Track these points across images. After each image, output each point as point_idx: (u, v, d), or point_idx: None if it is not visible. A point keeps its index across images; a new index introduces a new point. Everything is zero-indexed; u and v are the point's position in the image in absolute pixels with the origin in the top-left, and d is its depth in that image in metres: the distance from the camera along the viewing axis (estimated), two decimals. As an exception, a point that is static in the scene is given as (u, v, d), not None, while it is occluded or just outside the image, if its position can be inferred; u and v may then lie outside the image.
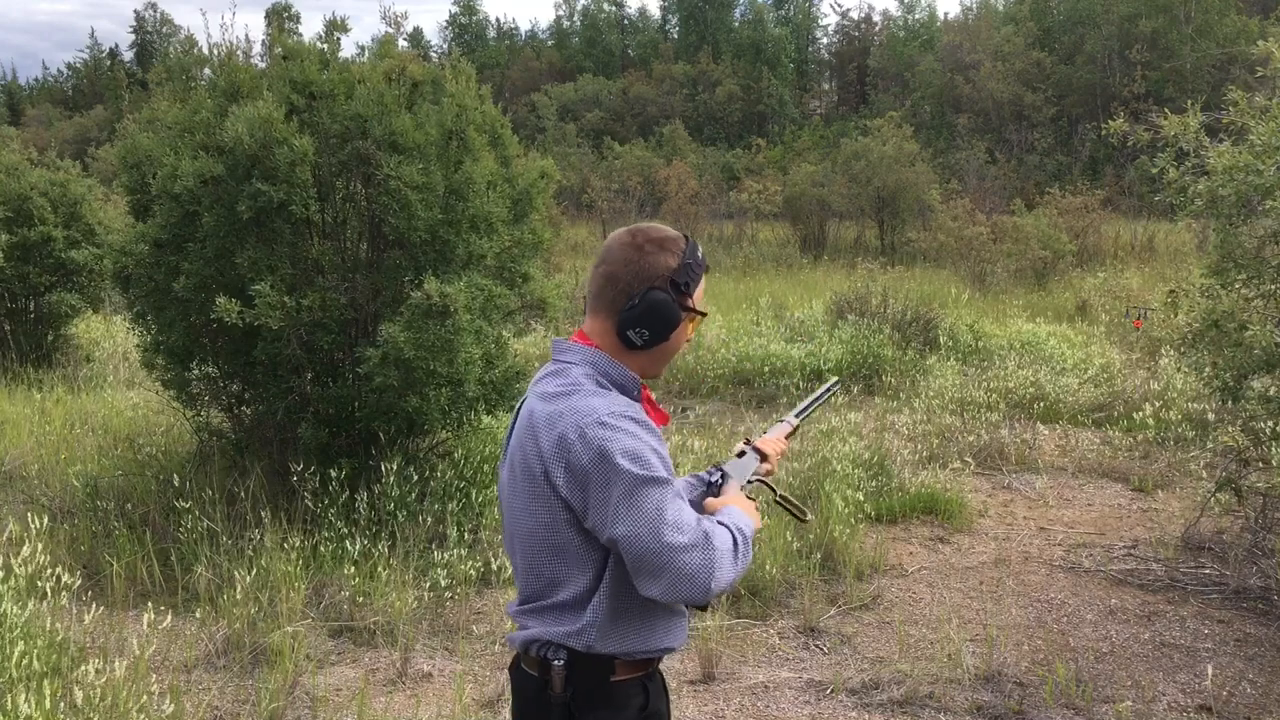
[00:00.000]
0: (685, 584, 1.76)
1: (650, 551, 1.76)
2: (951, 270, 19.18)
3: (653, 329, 1.92)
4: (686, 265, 1.94)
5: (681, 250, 1.95)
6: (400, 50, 6.19)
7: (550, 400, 1.89)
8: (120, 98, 53.14)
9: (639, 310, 1.91)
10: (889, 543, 5.87)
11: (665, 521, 1.77)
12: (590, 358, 1.94)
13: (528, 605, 1.95)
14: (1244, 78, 9.06)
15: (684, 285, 1.94)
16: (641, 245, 1.94)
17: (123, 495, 5.77)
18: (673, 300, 1.92)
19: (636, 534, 1.76)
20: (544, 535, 1.88)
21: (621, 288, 1.92)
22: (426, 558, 5.05)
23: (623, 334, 1.93)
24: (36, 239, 10.07)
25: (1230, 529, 5.87)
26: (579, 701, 1.89)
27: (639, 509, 1.77)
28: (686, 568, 1.76)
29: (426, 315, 5.02)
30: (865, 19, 69.16)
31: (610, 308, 1.94)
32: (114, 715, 3.38)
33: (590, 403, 1.84)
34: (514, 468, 1.96)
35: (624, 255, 1.94)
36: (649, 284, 1.91)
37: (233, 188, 5.26)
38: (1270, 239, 5.04)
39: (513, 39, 78.57)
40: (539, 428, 1.87)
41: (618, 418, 1.82)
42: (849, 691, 4.17)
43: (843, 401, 8.32)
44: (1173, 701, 4.10)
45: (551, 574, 1.89)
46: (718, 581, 1.79)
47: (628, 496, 1.77)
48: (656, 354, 1.98)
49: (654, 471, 1.80)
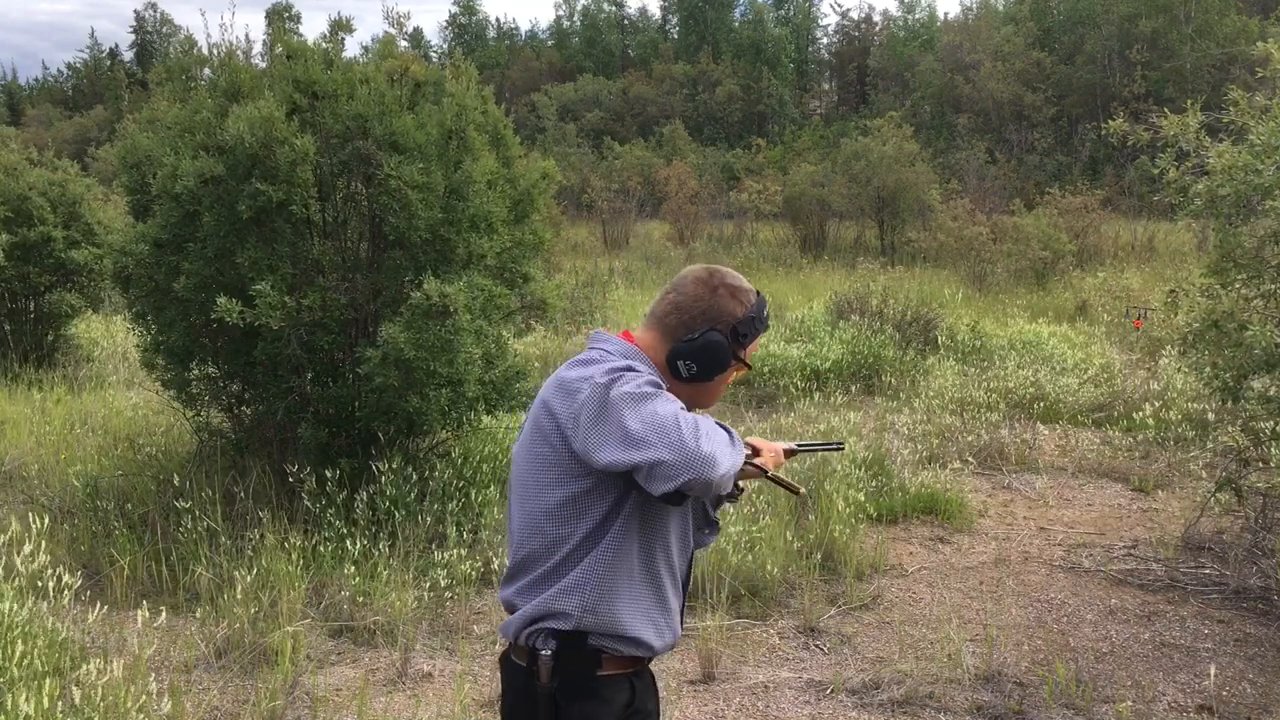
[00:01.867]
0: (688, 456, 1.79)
1: (652, 430, 1.79)
2: (951, 270, 19.17)
3: (701, 366, 2.00)
4: (750, 319, 2.03)
5: (751, 304, 2.04)
6: (401, 50, 6.18)
7: (571, 369, 1.95)
8: (120, 98, 53.12)
9: (695, 345, 1.99)
10: (889, 543, 5.87)
11: (659, 419, 1.81)
12: (627, 350, 2.01)
13: (522, 579, 1.98)
14: (1244, 78, 9.06)
15: (743, 336, 2.02)
16: (716, 287, 2.03)
17: (123, 495, 5.77)
18: (728, 346, 2.01)
19: (636, 437, 1.80)
20: (546, 493, 1.93)
21: (685, 319, 2.01)
22: (426, 558, 5.05)
23: (672, 362, 2.01)
24: (36, 239, 10.06)
25: (1230, 529, 5.87)
26: (565, 692, 1.92)
27: (637, 411, 1.81)
28: (685, 441, 1.79)
29: (426, 315, 5.02)
30: (865, 19, 69.20)
31: (669, 334, 2.02)
32: (114, 715, 3.38)
33: (606, 363, 1.91)
34: (526, 429, 2.02)
35: (697, 291, 2.03)
36: (712, 324, 2.00)
37: (233, 187, 5.25)
38: (1270, 239, 5.04)
39: (513, 39, 78.56)
40: (557, 389, 1.93)
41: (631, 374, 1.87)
42: (849, 691, 4.17)
43: (843, 401, 8.32)
44: (1173, 701, 4.10)
45: (551, 533, 1.93)
46: (718, 453, 1.82)
47: (624, 407, 1.81)
48: (694, 391, 2.05)
49: (650, 387, 1.85)
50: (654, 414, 1.80)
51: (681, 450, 1.78)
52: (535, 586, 1.95)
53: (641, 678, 2.01)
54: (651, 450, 1.78)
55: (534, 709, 1.93)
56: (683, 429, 1.79)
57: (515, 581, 2.01)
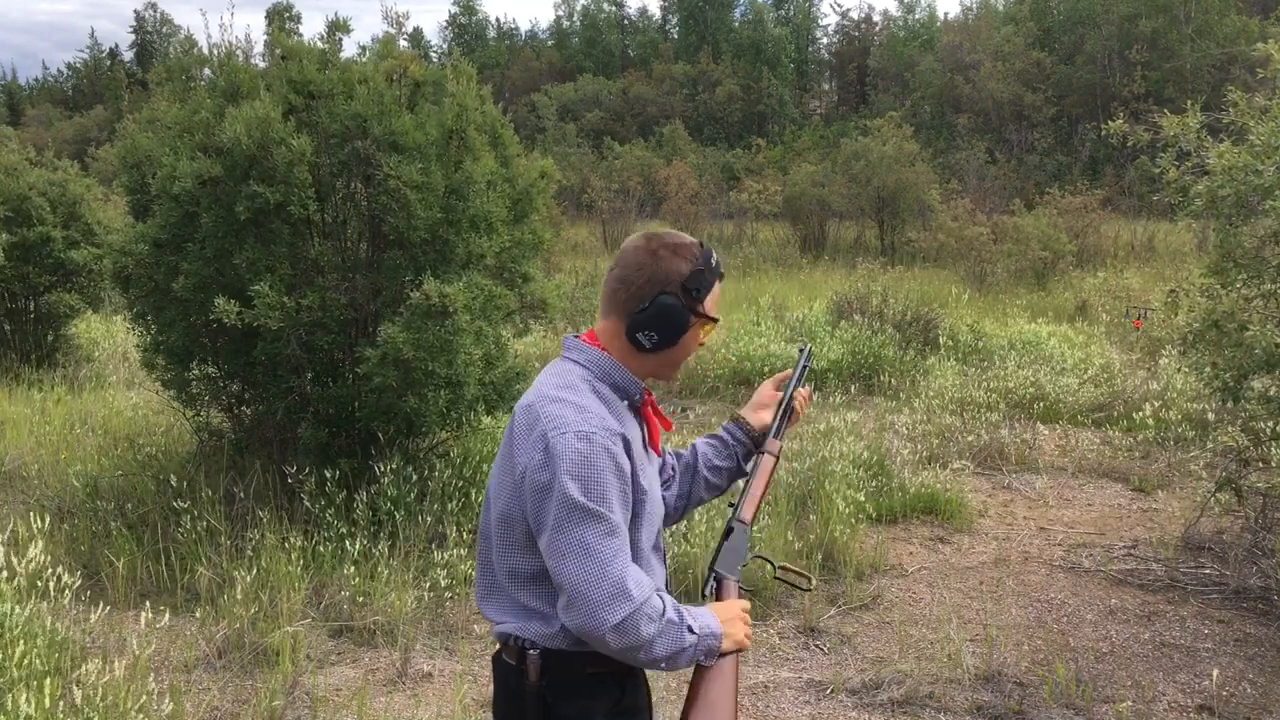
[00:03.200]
0: (585, 617, 1.77)
1: (565, 577, 1.79)
2: (951, 270, 19.17)
3: (661, 333, 1.96)
4: (698, 271, 1.97)
5: (695, 256, 1.98)
6: (401, 50, 6.18)
7: (541, 398, 1.92)
8: (120, 98, 53.14)
9: (649, 313, 1.95)
10: (889, 543, 5.87)
11: (589, 554, 1.78)
12: (596, 359, 1.98)
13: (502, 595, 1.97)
14: (1244, 78, 9.06)
15: (695, 291, 1.97)
16: (656, 250, 1.98)
17: (123, 495, 5.76)
18: (682, 305, 1.96)
19: (558, 552, 1.79)
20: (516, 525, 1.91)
21: (633, 291, 1.96)
22: (426, 558, 5.05)
23: (632, 336, 1.97)
24: (36, 239, 10.06)
25: (1230, 529, 5.87)
26: (553, 691, 1.92)
27: (567, 533, 1.79)
28: (590, 604, 1.77)
29: (426, 315, 5.02)
30: (865, 19, 69.15)
31: (621, 310, 1.98)
32: (114, 715, 3.38)
33: (571, 414, 1.86)
34: (502, 454, 1.99)
35: (637, 259, 1.98)
36: (660, 288, 1.95)
37: (231, 188, 5.25)
38: (1270, 239, 5.04)
39: (513, 39, 78.53)
40: (527, 423, 1.91)
41: (594, 440, 1.83)
42: (849, 691, 4.17)
43: (842, 401, 8.32)
44: (1173, 701, 4.10)
45: (520, 566, 1.92)
46: (619, 634, 1.77)
47: (563, 517, 1.79)
48: (665, 358, 2.01)
49: (597, 504, 1.80)
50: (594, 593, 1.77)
51: (596, 637, 1.79)
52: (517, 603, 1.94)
53: (631, 675, 2.00)
54: (572, 618, 1.80)
55: (524, 708, 1.93)
56: (611, 621, 1.77)
57: (495, 597, 1.99)
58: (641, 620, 1.78)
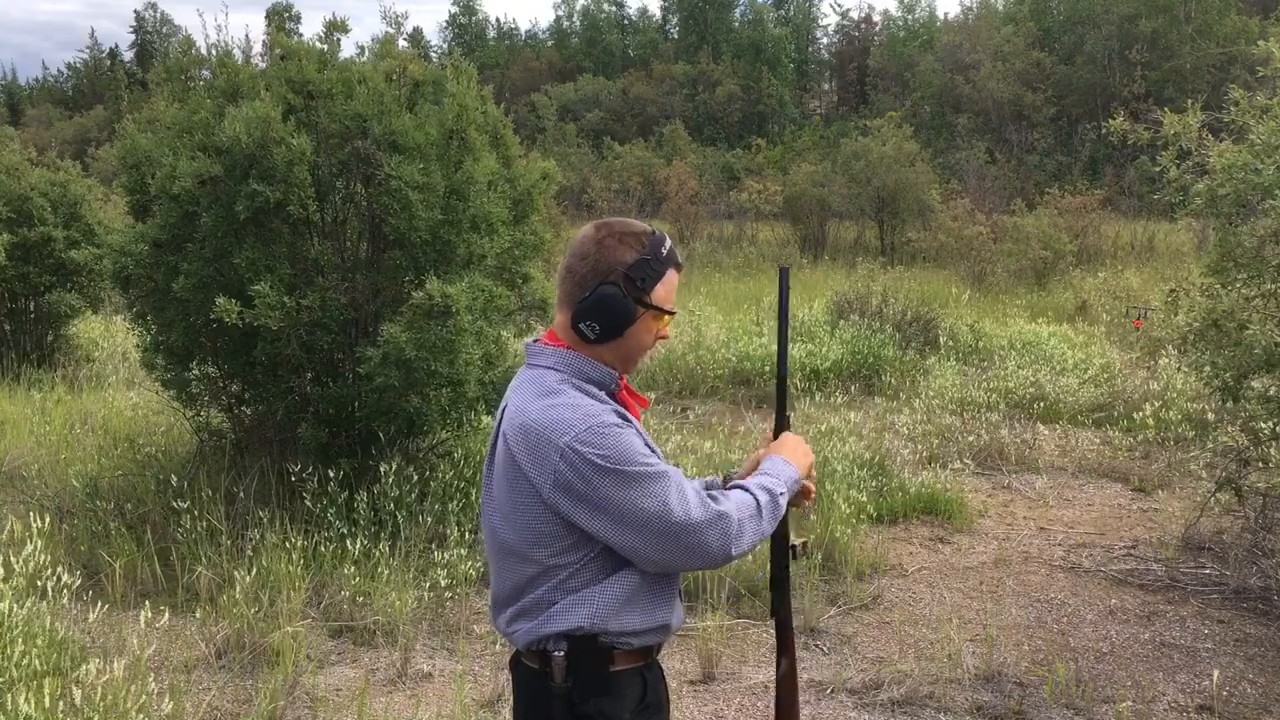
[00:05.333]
0: (700, 558, 1.86)
1: (663, 538, 1.82)
2: (951, 270, 19.16)
3: (602, 323, 1.90)
4: (644, 261, 1.91)
5: (643, 245, 1.92)
6: (400, 50, 6.18)
7: (529, 412, 1.88)
8: (120, 98, 53.10)
9: (589, 304, 1.90)
10: (889, 543, 5.87)
11: (672, 511, 1.82)
12: (565, 360, 1.94)
13: (516, 604, 1.96)
14: (1244, 78, 9.06)
15: (640, 281, 1.91)
16: (602, 240, 1.93)
17: (122, 495, 5.76)
18: (624, 295, 1.90)
19: (645, 527, 1.81)
20: (533, 535, 1.89)
21: (578, 280, 1.92)
22: (426, 558, 5.05)
23: (576, 326, 1.92)
24: (36, 239, 10.07)
25: (1230, 529, 5.87)
26: (579, 691, 1.90)
27: (642, 509, 1.81)
28: (700, 546, 1.84)
29: (428, 315, 5.02)
30: (865, 19, 69.18)
31: (568, 300, 1.94)
32: (113, 715, 3.38)
33: (567, 415, 1.85)
34: (498, 476, 1.96)
35: (583, 249, 1.93)
36: (602, 278, 1.90)
37: (231, 188, 5.25)
38: (1270, 238, 5.03)
39: (513, 39, 78.54)
40: (522, 441, 1.87)
41: (597, 429, 1.83)
42: (849, 691, 4.17)
43: (843, 401, 8.32)
44: (1173, 701, 4.10)
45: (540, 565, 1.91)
46: (738, 547, 1.87)
47: (629, 501, 1.81)
48: (615, 350, 1.95)
49: (649, 466, 1.83)
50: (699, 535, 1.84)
51: (716, 563, 1.88)
52: (535, 610, 1.92)
53: (652, 670, 2.01)
54: (688, 564, 1.87)
55: (548, 710, 1.91)
56: (730, 543, 1.86)
57: (509, 607, 1.97)
58: (748, 524, 1.88)
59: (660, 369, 10.19)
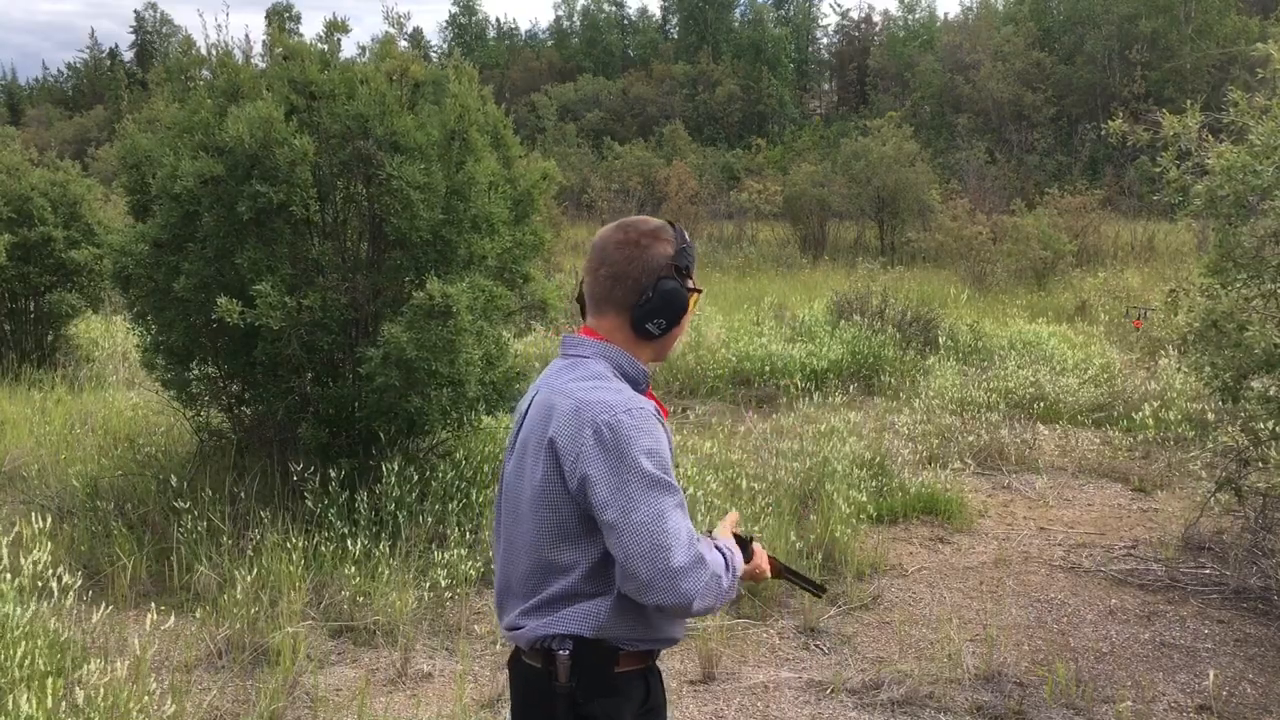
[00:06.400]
0: (666, 592, 1.82)
1: (643, 550, 1.81)
2: (951, 270, 19.18)
3: (669, 316, 2.00)
4: (682, 250, 2.01)
5: (673, 237, 2.02)
6: (401, 50, 6.19)
7: (571, 393, 1.92)
8: (120, 98, 53.11)
9: (655, 302, 1.97)
10: (889, 543, 5.87)
11: (666, 528, 1.82)
12: (605, 351, 2.00)
13: (526, 602, 1.96)
14: (1244, 78, 9.06)
15: (685, 269, 2.01)
16: (638, 240, 2.00)
17: (123, 495, 5.76)
18: (681, 286, 2.00)
19: (635, 528, 1.81)
20: (553, 526, 1.91)
21: (631, 284, 1.98)
22: (427, 558, 5.06)
23: (640, 327, 1.99)
24: (37, 239, 10.07)
25: (1230, 529, 5.87)
26: (583, 691, 1.91)
27: (645, 506, 1.82)
28: (672, 577, 1.81)
29: (428, 316, 5.03)
30: (865, 19, 69.16)
31: (621, 304, 1.99)
32: (115, 715, 3.38)
33: (613, 397, 1.90)
34: (524, 459, 1.99)
35: (625, 254, 1.99)
36: (658, 275, 1.98)
37: (232, 188, 5.25)
38: (1270, 239, 5.04)
39: (513, 39, 78.51)
40: (559, 419, 1.90)
41: (642, 414, 1.88)
42: (849, 691, 4.18)
43: (842, 401, 8.32)
44: (1173, 701, 4.10)
45: (557, 561, 1.92)
46: (700, 600, 1.85)
47: (641, 491, 1.82)
48: (668, 339, 2.05)
49: (669, 476, 1.86)
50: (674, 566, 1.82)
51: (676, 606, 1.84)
52: (545, 608, 1.93)
53: (654, 673, 2.02)
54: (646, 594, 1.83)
55: (550, 709, 1.91)
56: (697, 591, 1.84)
57: (517, 605, 1.98)
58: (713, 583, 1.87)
59: (660, 369, 10.19)
